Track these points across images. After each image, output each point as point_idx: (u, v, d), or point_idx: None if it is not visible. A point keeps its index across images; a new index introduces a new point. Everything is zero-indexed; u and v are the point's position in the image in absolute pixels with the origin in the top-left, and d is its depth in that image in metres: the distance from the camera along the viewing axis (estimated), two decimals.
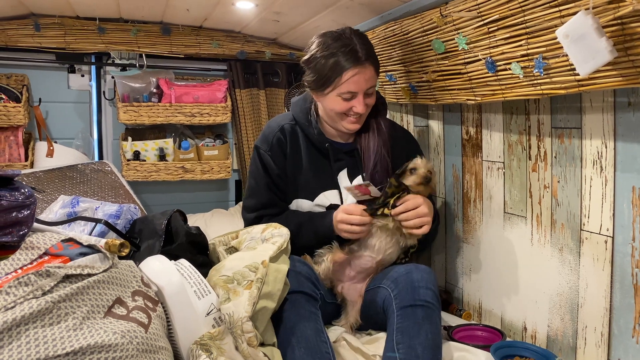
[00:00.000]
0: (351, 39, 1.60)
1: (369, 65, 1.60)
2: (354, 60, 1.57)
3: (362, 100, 1.62)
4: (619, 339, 1.34)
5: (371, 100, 1.67)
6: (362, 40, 1.61)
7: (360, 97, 1.62)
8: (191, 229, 1.68)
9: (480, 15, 1.46)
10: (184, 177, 2.82)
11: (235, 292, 1.33)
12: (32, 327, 0.94)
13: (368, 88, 1.62)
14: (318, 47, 1.62)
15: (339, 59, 1.58)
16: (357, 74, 1.58)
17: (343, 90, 1.60)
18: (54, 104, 2.72)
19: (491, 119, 1.77)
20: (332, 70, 1.59)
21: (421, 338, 1.34)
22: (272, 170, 1.75)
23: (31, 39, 2.52)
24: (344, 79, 1.58)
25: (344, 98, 1.62)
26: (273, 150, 1.76)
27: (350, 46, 1.58)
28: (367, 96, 1.64)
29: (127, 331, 1.04)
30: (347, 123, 1.68)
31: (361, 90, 1.61)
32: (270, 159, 1.75)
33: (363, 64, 1.58)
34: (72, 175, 2.44)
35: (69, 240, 1.18)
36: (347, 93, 1.61)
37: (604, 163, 1.36)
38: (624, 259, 1.31)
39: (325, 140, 1.74)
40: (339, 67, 1.58)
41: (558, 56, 1.25)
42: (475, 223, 1.87)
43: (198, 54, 2.84)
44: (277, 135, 1.76)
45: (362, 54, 1.58)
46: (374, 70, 1.62)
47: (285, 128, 1.78)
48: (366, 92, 1.63)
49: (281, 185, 1.77)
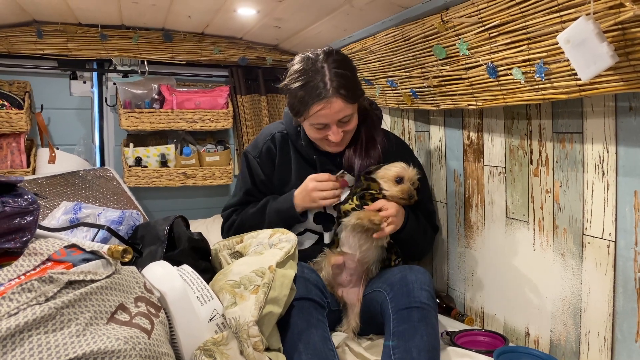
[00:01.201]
0: (321, 69, 1.56)
1: (336, 99, 1.55)
2: (318, 95, 1.54)
3: (337, 130, 1.61)
4: (623, 344, 1.33)
5: (349, 126, 1.64)
6: (333, 67, 1.56)
7: (333, 127, 1.61)
8: (193, 235, 1.68)
9: (482, 21, 1.46)
10: (185, 183, 2.82)
11: (241, 297, 1.34)
12: (35, 334, 0.94)
13: (342, 118, 1.60)
14: (291, 75, 1.61)
15: (304, 94, 1.56)
16: (323, 109, 1.56)
17: (313, 122, 1.61)
18: (56, 110, 2.73)
19: (492, 124, 1.77)
20: (300, 103, 1.58)
21: (416, 341, 1.34)
22: (257, 176, 1.79)
23: (33, 45, 2.53)
24: (311, 112, 1.57)
25: (317, 128, 1.63)
26: (261, 158, 1.79)
27: (316, 80, 1.55)
28: (343, 124, 1.62)
29: (130, 337, 1.04)
30: (328, 146, 1.70)
31: (332, 122, 1.59)
32: (257, 164, 1.79)
33: (329, 99, 1.54)
34: (74, 181, 2.45)
35: (71, 246, 1.18)
36: (317, 124, 1.61)
37: (605, 167, 1.36)
38: (626, 263, 1.31)
39: (313, 152, 1.74)
40: (305, 101, 1.57)
41: (559, 61, 1.25)
42: (477, 228, 1.87)
43: (199, 60, 2.86)
44: (268, 144, 1.79)
45: (328, 87, 1.54)
46: (342, 102, 1.56)
47: (277, 137, 1.79)
48: (340, 120, 1.60)
49: (263, 191, 1.81)
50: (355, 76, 1.64)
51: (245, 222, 1.78)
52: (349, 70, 1.60)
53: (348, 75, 1.58)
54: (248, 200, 1.82)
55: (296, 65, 1.61)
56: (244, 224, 1.78)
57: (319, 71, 1.56)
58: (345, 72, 1.58)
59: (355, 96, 1.61)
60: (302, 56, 1.63)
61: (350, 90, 1.58)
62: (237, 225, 1.79)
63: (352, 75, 1.62)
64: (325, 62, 1.57)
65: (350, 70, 1.62)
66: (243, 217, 1.79)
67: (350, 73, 1.60)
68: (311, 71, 1.57)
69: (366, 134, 1.74)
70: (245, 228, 1.76)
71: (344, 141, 1.68)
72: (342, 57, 1.64)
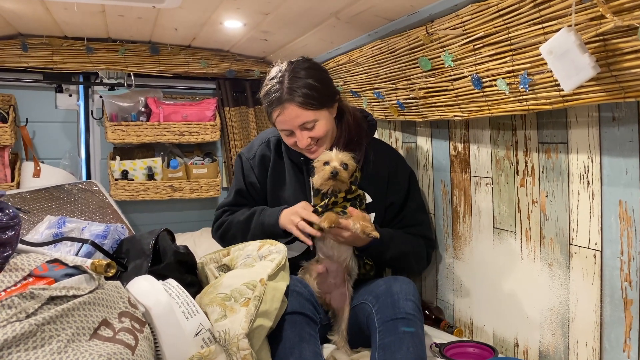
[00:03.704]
0: (280, 77, 1.62)
1: (290, 105, 1.59)
2: (273, 102, 1.62)
3: (303, 136, 1.63)
4: (611, 353, 1.33)
5: (316, 132, 1.64)
6: (293, 75, 1.61)
7: (298, 133, 1.63)
8: (179, 248, 1.66)
9: (466, 33, 1.48)
10: (172, 196, 2.80)
11: (232, 310, 1.32)
12: (15, 351, 0.92)
13: (302, 124, 1.61)
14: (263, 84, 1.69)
15: (266, 102, 1.66)
16: (280, 115, 1.62)
17: (278, 128, 1.69)
18: (41, 123, 2.70)
19: (478, 134, 1.78)
20: (266, 111, 1.70)
21: (402, 352, 1.34)
22: (247, 178, 1.81)
23: (18, 59, 2.51)
24: (272, 118, 1.67)
25: (285, 134, 1.69)
26: (255, 160, 1.81)
27: (274, 88, 1.62)
28: (308, 130, 1.63)
29: (113, 354, 1.02)
30: (305, 152, 1.71)
31: (293, 128, 1.63)
32: (250, 166, 1.81)
33: (282, 105, 1.60)
34: (59, 195, 2.42)
35: (54, 261, 1.16)
36: (282, 130, 1.68)
37: (590, 177, 1.37)
38: (613, 272, 1.32)
39: (299, 155, 1.75)
40: (267, 109, 1.67)
41: (543, 72, 1.26)
42: (465, 239, 1.87)
43: (187, 72, 2.85)
44: (262, 147, 1.82)
45: (284, 93, 1.59)
46: (297, 107, 1.59)
47: (272, 141, 1.83)
48: (303, 127, 1.62)
49: (252, 193, 1.82)
50: (321, 82, 1.63)
51: (231, 229, 1.77)
52: (310, 77, 1.61)
53: (309, 82, 1.60)
54: (239, 202, 1.84)
55: (267, 76, 1.68)
56: (230, 229, 1.78)
57: (276, 79, 1.63)
58: (306, 80, 1.60)
59: (319, 103, 1.61)
60: (272, 66, 1.70)
61: (309, 96, 1.59)
62: (224, 228, 1.80)
63: (316, 81, 1.62)
64: (287, 71, 1.63)
65: (313, 77, 1.62)
66: (231, 222, 1.78)
67: (312, 80, 1.61)
68: (272, 81, 1.64)
69: (347, 138, 1.73)
70: (229, 234, 1.77)
71: (321, 146, 1.68)
72: (307, 64, 1.66)
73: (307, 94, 1.59)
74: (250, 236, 1.69)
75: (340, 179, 1.55)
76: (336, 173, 1.54)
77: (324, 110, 1.64)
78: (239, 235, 1.73)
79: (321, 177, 1.56)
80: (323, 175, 1.56)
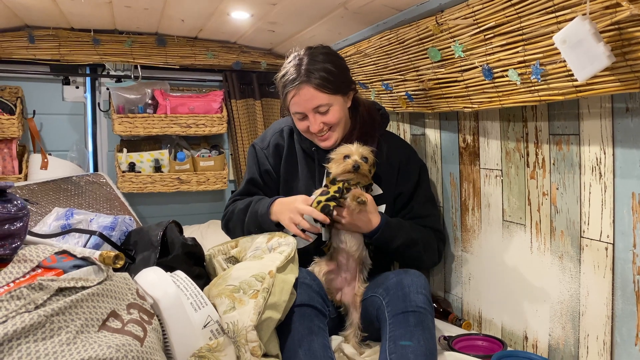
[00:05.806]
0: (298, 60, 1.63)
1: (305, 85, 1.59)
2: (290, 82, 1.62)
3: (315, 120, 1.63)
4: (622, 347, 1.32)
5: (329, 117, 1.64)
6: (309, 59, 1.62)
7: (311, 116, 1.64)
8: (187, 240, 1.66)
9: (477, 23, 1.46)
10: (179, 188, 2.80)
11: (240, 301, 1.32)
12: (24, 342, 0.92)
13: (316, 107, 1.61)
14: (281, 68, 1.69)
15: (281, 83, 1.66)
16: (295, 96, 1.62)
17: (292, 111, 1.67)
18: (49, 116, 2.70)
19: (488, 126, 1.76)
20: (281, 93, 1.69)
21: (413, 345, 1.32)
22: (262, 166, 1.80)
23: (25, 50, 2.51)
24: (287, 100, 1.66)
25: (298, 118, 1.68)
26: (269, 150, 1.81)
27: (292, 70, 1.62)
28: (320, 114, 1.64)
29: (122, 345, 1.02)
30: (317, 140, 1.71)
31: (307, 110, 1.63)
32: (264, 155, 1.81)
33: (298, 85, 1.60)
34: (67, 187, 2.42)
35: (62, 252, 1.16)
36: (296, 114, 1.67)
37: (602, 169, 1.35)
38: (625, 265, 1.30)
39: (312, 145, 1.75)
40: (282, 90, 1.67)
41: (555, 62, 1.24)
42: (474, 231, 1.86)
43: (193, 64, 2.84)
44: (276, 137, 1.82)
45: (301, 74, 1.59)
46: (313, 88, 1.59)
47: (285, 130, 1.83)
48: (317, 110, 1.62)
49: (267, 181, 1.81)
50: (338, 68, 1.65)
51: (233, 217, 1.77)
52: (329, 62, 1.63)
53: (327, 66, 1.61)
54: (251, 191, 1.82)
55: (285, 61, 1.69)
56: (232, 218, 1.78)
57: (294, 61, 1.64)
58: (324, 64, 1.61)
59: (334, 88, 1.62)
60: (290, 52, 1.70)
61: (325, 80, 1.60)
62: (228, 217, 1.80)
63: (333, 67, 1.63)
64: (305, 55, 1.64)
65: (331, 62, 1.63)
66: (233, 211, 1.78)
67: (330, 65, 1.62)
68: (290, 63, 1.65)
69: (360, 130, 1.73)
70: (231, 223, 1.78)
71: (333, 133, 1.68)
72: (324, 50, 1.68)
73: (323, 77, 1.60)
74: (246, 225, 1.69)
75: (361, 172, 1.57)
76: (358, 166, 1.55)
77: (338, 96, 1.65)
78: (238, 224, 1.73)
79: (342, 169, 1.57)
80: (345, 168, 1.56)
